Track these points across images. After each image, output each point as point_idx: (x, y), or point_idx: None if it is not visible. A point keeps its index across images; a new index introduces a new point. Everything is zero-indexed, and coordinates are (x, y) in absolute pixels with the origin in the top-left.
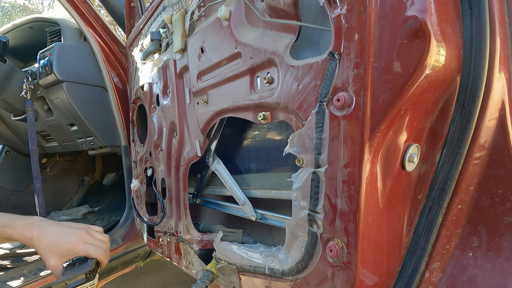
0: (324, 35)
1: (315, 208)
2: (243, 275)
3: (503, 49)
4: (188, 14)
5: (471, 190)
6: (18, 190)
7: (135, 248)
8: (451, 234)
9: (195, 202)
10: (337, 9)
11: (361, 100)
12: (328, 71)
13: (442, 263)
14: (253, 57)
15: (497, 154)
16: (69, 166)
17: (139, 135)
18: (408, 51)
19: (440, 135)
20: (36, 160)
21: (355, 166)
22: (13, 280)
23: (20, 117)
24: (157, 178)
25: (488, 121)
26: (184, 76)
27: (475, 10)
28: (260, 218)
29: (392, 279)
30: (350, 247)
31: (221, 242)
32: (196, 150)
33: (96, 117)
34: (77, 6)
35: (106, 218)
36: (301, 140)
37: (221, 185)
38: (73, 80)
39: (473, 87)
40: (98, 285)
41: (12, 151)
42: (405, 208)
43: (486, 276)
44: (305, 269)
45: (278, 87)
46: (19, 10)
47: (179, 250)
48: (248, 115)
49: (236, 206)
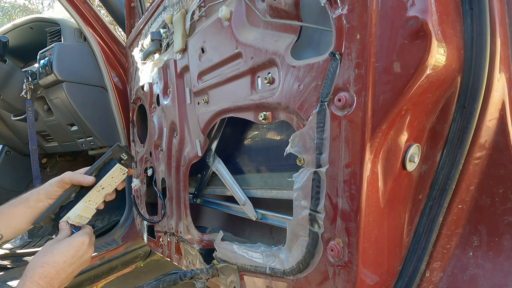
0: (325, 35)
1: (316, 207)
2: (244, 274)
3: (503, 49)
4: (189, 14)
5: (471, 190)
6: (18, 190)
7: (135, 248)
8: (451, 233)
9: (196, 202)
10: (338, 10)
11: (362, 100)
12: (329, 71)
13: (442, 263)
14: (254, 57)
15: (498, 154)
16: (69, 166)
17: (139, 135)
18: (409, 51)
19: (440, 135)
20: (36, 160)
21: (356, 166)
22: (13, 280)
23: (20, 117)
24: (157, 178)
25: (488, 121)
26: (184, 76)
27: (476, 11)
28: (260, 218)
29: (393, 278)
30: (351, 247)
31: (221, 242)
32: (196, 150)
33: (96, 117)
34: (77, 6)
35: (106, 218)
36: (302, 140)
37: (222, 185)
38: (73, 80)
39: (474, 87)
40: (98, 285)
41: (12, 151)
42: (406, 208)
43: (486, 276)
44: (306, 268)
45: (279, 87)
46: (19, 10)
47: (180, 250)
48: (249, 115)
49: (237, 206)
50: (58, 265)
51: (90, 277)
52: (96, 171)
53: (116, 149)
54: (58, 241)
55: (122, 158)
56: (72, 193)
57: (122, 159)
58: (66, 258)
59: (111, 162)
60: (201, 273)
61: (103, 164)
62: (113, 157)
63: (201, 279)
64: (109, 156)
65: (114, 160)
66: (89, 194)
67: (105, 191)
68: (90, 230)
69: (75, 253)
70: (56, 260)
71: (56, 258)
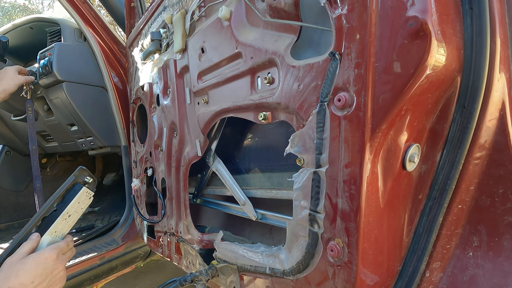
0: (325, 35)
1: (316, 208)
2: (244, 275)
3: (503, 49)
4: (189, 14)
5: (471, 190)
6: (18, 190)
7: (135, 248)
8: (451, 233)
9: (195, 202)
10: (338, 9)
11: (362, 100)
12: (329, 71)
13: (442, 263)
14: (254, 57)
15: (497, 154)
16: (69, 166)
17: (139, 135)
18: (408, 51)
19: (440, 135)
20: (36, 160)
21: (356, 166)
22: None
23: (20, 117)
24: (157, 178)
25: (488, 121)
26: (184, 76)
27: (476, 11)
28: (260, 218)
29: (393, 278)
30: (351, 247)
31: (221, 242)
32: (196, 150)
33: (96, 117)
34: (77, 6)
35: (106, 218)
36: (302, 140)
37: (222, 185)
38: (73, 80)
39: (474, 87)
40: (98, 285)
41: (12, 151)
42: (406, 208)
43: (486, 276)
44: (306, 268)
45: (279, 87)
46: (19, 10)
47: (179, 250)
48: (248, 115)
49: (237, 206)
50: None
51: (90, 277)
52: (59, 199)
53: (79, 173)
54: (20, 258)
55: (86, 182)
56: (33, 228)
57: (87, 182)
58: (33, 278)
59: (75, 187)
60: (200, 275)
61: (65, 191)
62: (77, 182)
63: (201, 281)
64: (72, 181)
65: (78, 184)
66: (55, 225)
67: (71, 219)
68: (64, 243)
69: (43, 271)
70: (22, 282)
71: (23, 279)
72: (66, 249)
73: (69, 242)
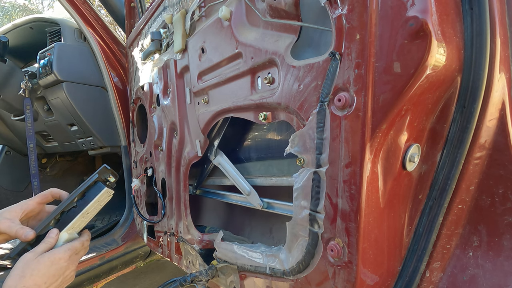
0: (325, 35)
1: (316, 208)
2: (244, 274)
3: (503, 49)
4: (189, 14)
5: (471, 190)
6: (18, 190)
7: (135, 248)
8: (451, 233)
9: (195, 193)
10: (338, 10)
11: (362, 100)
12: (329, 71)
13: (442, 263)
14: (254, 57)
15: (498, 154)
16: (69, 166)
17: (139, 135)
18: (409, 51)
19: (440, 135)
20: (35, 158)
21: (356, 166)
22: None
23: (20, 117)
24: (157, 178)
25: (488, 121)
26: (184, 76)
27: (476, 11)
28: (266, 206)
29: (393, 278)
30: (351, 247)
31: (221, 242)
32: (196, 150)
33: (96, 117)
34: (77, 6)
35: (106, 218)
36: (302, 140)
37: (222, 175)
38: (73, 80)
39: (474, 87)
40: (98, 285)
41: (12, 151)
42: (406, 208)
43: (486, 276)
44: (306, 268)
45: (279, 87)
46: (19, 10)
47: (180, 250)
48: (249, 115)
49: (238, 195)
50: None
51: (90, 277)
52: (80, 196)
53: (102, 171)
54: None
55: (108, 180)
56: (52, 221)
57: (109, 181)
58: (47, 279)
59: (96, 185)
60: (200, 275)
61: (87, 188)
62: (99, 180)
63: (201, 281)
64: (95, 179)
65: (100, 183)
66: (73, 222)
67: (89, 216)
68: (78, 243)
69: (56, 272)
70: (36, 283)
71: (36, 280)
72: (80, 248)
73: (84, 242)
